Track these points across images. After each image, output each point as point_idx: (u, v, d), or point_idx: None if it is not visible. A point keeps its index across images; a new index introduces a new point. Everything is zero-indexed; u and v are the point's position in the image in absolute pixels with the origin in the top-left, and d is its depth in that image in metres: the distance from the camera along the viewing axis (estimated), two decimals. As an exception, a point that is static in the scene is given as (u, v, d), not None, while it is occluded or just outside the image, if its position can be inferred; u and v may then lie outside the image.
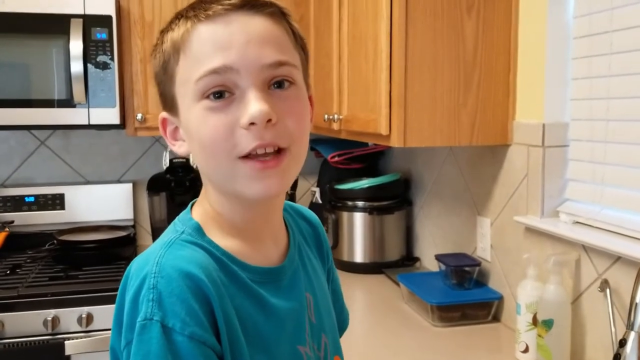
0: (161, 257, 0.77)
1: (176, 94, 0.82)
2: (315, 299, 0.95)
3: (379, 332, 1.78)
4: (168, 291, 0.73)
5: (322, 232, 1.05)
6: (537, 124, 1.59)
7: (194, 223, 0.84)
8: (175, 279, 0.74)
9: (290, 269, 0.90)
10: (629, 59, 1.37)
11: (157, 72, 0.85)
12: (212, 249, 0.81)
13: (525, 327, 1.52)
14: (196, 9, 0.80)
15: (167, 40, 0.82)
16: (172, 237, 0.82)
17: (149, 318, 0.72)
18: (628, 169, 1.38)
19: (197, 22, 0.79)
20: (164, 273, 0.74)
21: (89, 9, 2.27)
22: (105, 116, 2.30)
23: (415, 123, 1.66)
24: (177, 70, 0.81)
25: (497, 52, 1.69)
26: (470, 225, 1.97)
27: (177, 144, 0.87)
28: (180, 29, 0.80)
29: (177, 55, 0.80)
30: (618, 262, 1.34)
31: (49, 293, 2.02)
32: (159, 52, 0.84)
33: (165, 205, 2.52)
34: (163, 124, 0.87)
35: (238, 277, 0.81)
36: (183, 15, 0.81)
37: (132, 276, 0.78)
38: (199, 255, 0.79)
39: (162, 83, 0.84)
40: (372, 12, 1.76)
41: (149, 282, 0.74)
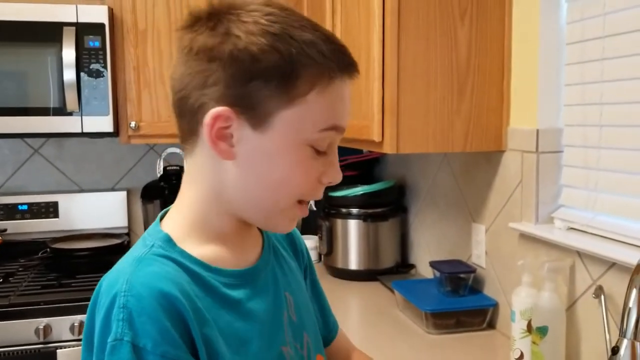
0: (131, 275, 0.75)
1: (278, 116, 0.77)
2: (295, 297, 0.95)
3: (373, 340, 1.77)
4: (138, 310, 0.71)
5: (296, 233, 1.07)
6: (531, 130, 1.58)
7: (164, 235, 0.81)
8: (146, 297, 0.72)
9: (265, 268, 0.91)
10: (621, 64, 1.37)
11: (265, 70, 0.76)
12: (184, 260, 0.80)
13: (520, 334, 1.51)
14: (342, 59, 0.80)
15: (298, 55, 0.76)
16: (142, 252, 0.80)
17: (119, 338, 0.71)
18: (622, 174, 1.38)
19: (344, 76, 0.81)
20: (134, 291, 0.72)
21: (81, 17, 2.27)
22: (99, 124, 2.30)
23: (408, 129, 1.66)
24: (301, 102, 0.77)
25: (491, 58, 1.69)
26: (465, 232, 1.96)
27: (221, 144, 0.79)
28: (326, 67, 0.78)
29: (311, 87, 0.77)
30: (612, 269, 1.33)
31: (41, 301, 2.01)
32: (275, 51, 0.76)
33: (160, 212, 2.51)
34: (215, 119, 0.77)
35: (212, 287, 0.80)
36: (317, 45, 0.77)
37: (102, 294, 0.76)
38: (170, 269, 0.77)
39: (262, 87, 0.76)
40: (365, 19, 1.76)
41: (119, 301, 0.72)
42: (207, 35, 0.78)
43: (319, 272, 2.43)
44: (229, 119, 0.78)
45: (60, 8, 2.26)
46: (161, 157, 2.61)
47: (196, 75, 0.79)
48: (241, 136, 0.78)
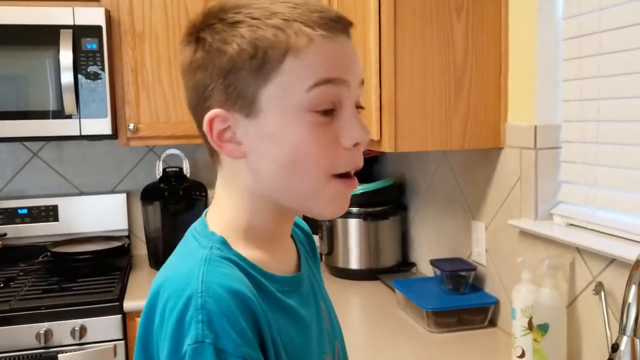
0: (204, 275, 0.72)
1: (262, 95, 0.76)
2: (327, 305, 0.95)
3: (374, 339, 1.77)
4: (218, 311, 0.69)
5: (314, 240, 1.05)
6: (529, 126, 1.57)
7: (219, 237, 0.80)
8: (225, 298, 0.70)
9: (305, 276, 0.89)
10: (618, 59, 1.36)
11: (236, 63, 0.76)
12: (242, 263, 0.78)
13: (521, 332, 1.50)
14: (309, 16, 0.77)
15: (264, 37, 0.75)
16: (205, 252, 0.77)
17: (200, 341, 0.68)
18: (620, 170, 1.37)
19: (323, 33, 0.76)
20: (211, 292, 0.70)
21: (78, 19, 2.26)
22: (97, 127, 2.29)
23: (406, 128, 1.65)
24: (278, 72, 0.75)
25: (488, 54, 1.68)
26: (465, 230, 1.95)
27: (228, 146, 0.79)
28: (299, 34, 0.75)
29: (283, 58, 0.75)
30: (612, 264, 1.33)
31: (42, 306, 2.01)
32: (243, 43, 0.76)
33: (160, 214, 2.51)
34: (211, 123, 0.78)
35: (268, 291, 0.79)
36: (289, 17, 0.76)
37: (168, 298, 0.73)
38: (238, 272, 0.76)
39: (240, 77, 0.76)
40: (361, 16, 1.75)
41: (196, 302, 0.70)
42: (187, 49, 0.81)
43: (321, 272, 2.43)
44: (225, 118, 0.78)
45: (57, 11, 2.25)
46: (160, 159, 2.60)
47: (192, 89, 0.81)
48: (242, 130, 0.78)
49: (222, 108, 0.78)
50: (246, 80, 0.76)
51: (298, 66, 0.76)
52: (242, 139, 0.79)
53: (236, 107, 0.78)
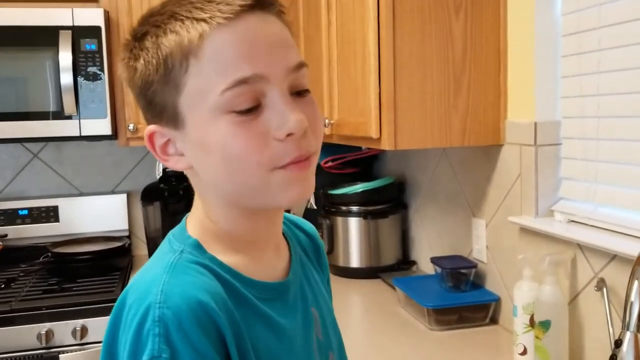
0: (165, 284, 0.69)
1: (181, 105, 0.73)
2: (321, 313, 0.90)
3: (375, 338, 1.77)
4: (176, 324, 0.66)
5: (321, 243, 1.01)
6: (529, 123, 1.57)
7: (193, 240, 0.77)
8: (185, 309, 0.67)
9: (295, 282, 0.86)
10: (617, 55, 1.36)
11: (147, 78, 0.74)
12: (216, 267, 0.75)
13: (523, 329, 1.50)
14: (203, 8, 0.72)
15: (163, 44, 0.72)
16: (173, 258, 0.74)
17: (156, 356, 0.65)
18: (620, 165, 1.37)
19: (212, 25, 0.71)
20: (171, 303, 0.67)
21: (77, 20, 2.26)
22: (97, 127, 2.29)
23: (406, 125, 1.65)
24: (187, 79, 0.72)
25: (487, 52, 1.68)
26: (466, 227, 1.95)
27: (172, 159, 0.78)
28: (190, 31, 0.71)
29: (185, 62, 0.71)
30: (614, 261, 1.32)
31: (43, 306, 2.01)
32: (148, 55, 0.73)
33: (160, 214, 2.51)
34: (151, 139, 0.77)
35: (246, 298, 0.76)
36: (182, 15, 0.72)
37: (131, 306, 0.70)
38: (206, 278, 0.72)
39: (155, 91, 0.74)
40: (360, 15, 1.75)
41: (154, 313, 0.67)
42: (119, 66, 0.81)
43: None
44: (162, 133, 0.77)
45: (56, 12, 2.25)
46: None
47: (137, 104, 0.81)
48: (179, 142, 0.77)
49: (155, 124, 0.77)
50: (161, 93, 0.74)
51: (203, 68, 0.71)
52: (183, 150, 0.77)
53: (163, 121, 0.76)
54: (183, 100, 0.73)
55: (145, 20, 0.76)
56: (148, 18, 0.76)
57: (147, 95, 0.75)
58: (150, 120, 0.78)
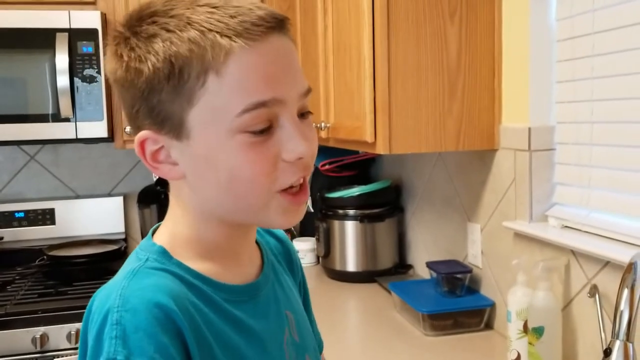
0: (124, 289, 0.70)
1: (191, 118, 0.71)
2: (296, 316, 0.91)
3: (370, 342, 1.76)
4: (133, 326, 0.66)
5: (291, 246, 1.01)
6: (523, 128, 1.57)
7: (158, 247, 0.77)
8: (142, 311, 0.67)
9: (266, 285, 0.86)
10: (611, 60, 1.35)
11: (154, 83, 0.71)
12: (182, 272, 0.75)
13: (517, 335, 1.50)
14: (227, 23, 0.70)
15: (179, 53, 0.69)
16: (135, 265, 0.75)
17: (112, 358, 0.65)
18: (614, 171, 1.36)
19: (239, 44, 0.69)
20: (128, 306, 0.68)
21: (74, 23, 2.26)
22: (93, 130, 2.29)
23: (401, 129, 1.65)
24: (202, 94, 0.70)
25: (481, 57, 1.68)
26: (461, 232, 1.95)
27: (163, 167, 0.76)
28: (215, 47, 0.69)
29: (203, 77, 0.69)
30: (607, 267, 1.32)
31: (38, 310, 2.01)
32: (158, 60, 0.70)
33: (156, 217, 2.51)
34: (142, 144, 0.75)
35: (213, 300, 0.76)
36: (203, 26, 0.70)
37: (94, 312, 0.71)
38: (167, 281, 0.72)
39: (161, 99, 0.71)
40: (355, 19, 1.74)
41: (112, 317, 0.67)
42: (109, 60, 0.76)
43: (317, 275, 2.43)
44: (156, 140, 0.74)
45: (53, 14, 2.25)
46: (157, 162, 2.60)
47: (123, 106, 0.77)
48: (176, 151, 0.75)
49: (151, 130, 0.74)
50: (168, 102, 0.71)
51: (224, 86, 0.70)
52: (178, 159, 0.75)
53: (164, 129, 0.73)
54: (194, 114, 0.71)
55: (150, 19, 0.73)
56: (153, 17, 0.72)
57: (149, 100, 0.72)
58: (143, 125, 0.74)
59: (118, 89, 0.76)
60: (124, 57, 0.73)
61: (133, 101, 0.74)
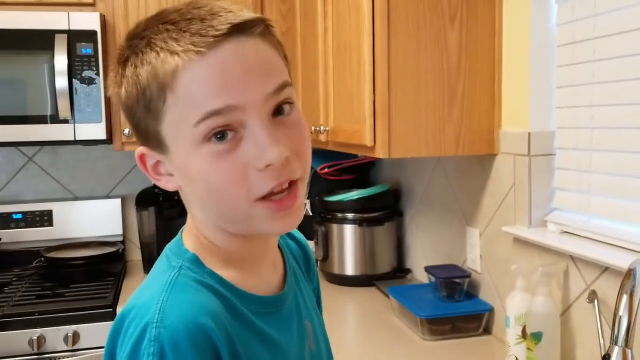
0: (164, 303, 0.69)
1: (163, 133, 0.74)
2: (314, 325, 0.91)
3: (368, 347, 1.76)
4: (172, 345, 0.66)
5: (310, 252, 1.02)
6: (523, 133, 1.57)
7: (191, 255, 0.77)
8: (182, 330, 0.67)
9: (290, 295, 0.86)
10: (612, 66, 1.35)
11: (130, 105, 0.75)
12: (215, 283, 0.75)
13: (515, 340, 1.49)
14: (177, 39, 0.70)
15: (140, 76, 0.72)
16: (172, 275, 0.74)
17: None
18: (613, 177, 1.36)
19: (184, 60, 0.70)
20: (168, 323, 0.67)
21: (73, 24, 2.26)
22: (92, 131, 2.29)
23: (400, 134, 1.64)
24: (166, 110, 0.72)
25: (482, 61, 1.68)
26: (460, 236, 1.94)
27: (163, 179, 0.79)
28: (165, 65, 0.70)
29: (163, 94, 0.71)
30: (606, 273, 1.32)
31: (35, 312, 2.00)
32: (129, 84, 0.74)
33: (155, 220, 2.50)
34: (142, 159, 0.78)
35: (243, 315, 0.76)
36: (158, 46, 0.71)
37: (130, 322, 0.70)
38: (205, 297, 0.72)
39: (140, 119, 0.75)
40: (355, 23, 1.74)
41: (151, 332, 0.67)
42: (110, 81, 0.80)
43: (315, 278, 2.42)
44: (151, 155, 0.78)
45: (52, 16, 2.25)
46: (156, 164, 2.59)
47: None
48: (167, 165, 0.78)
49: (145, 146, 0.78)
50: (144, 120, 0.75)
51: (179, 101, 0.71)
52: (172, 172, 0.78)
53: (151, 145, 0.77)
54: (165, 129, 0.74)
55: (130, 41, 0.75)
56: (132, 40, 0.75)
57: (133, 120, 0.76)
58: (139, 142, 0.79)
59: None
60: (109, 82, 0.79)
61: (127, 120, 0.79)
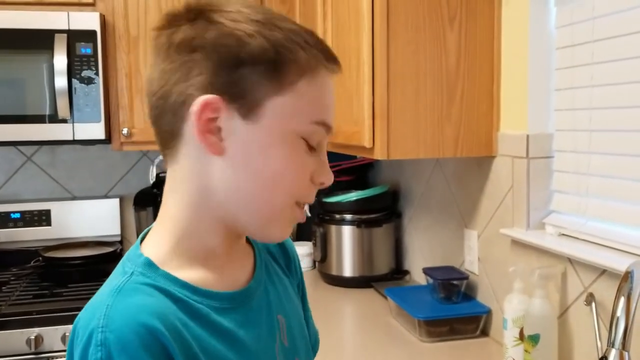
0: (109, 308, 0.68)
1: (270, 103, 0.74)
2: (288, 320, 0.89)
3: (365, 348, 1.76)
4: (118, 348, 0.65)
5: (290, 244, 1.00)
6: (521, 135, 1.57)
7: (144, 259, 0.75)
8: (127, 332, 0.66)
9: (258, 289, 0.84)
10: (610, 68, 1.35)
11: (249, 60, 0.72)
12: (168, 285, 0.73)
13: (512, 342, 1.49)
14: (326, 51, 0.78)
15: (285, 46, 0.74)
16: (121, 281, 0.73)
17: None
18: (611, 179, 1.36)
19: (327, 66, 0.78)
20: (113, 326, 0.66)
21: (73, 24, 2.26)
22: (90, 131, 2.28)
23: (399, 135, 1.65)
24: (293, 89, 0.74)
25: (480, 63, 1.68)
26: (458, 238, 1.94)
27: (211, 137, 0.73)
28: (316, 62, 0.76)
29: (299, 76, 0.75)
30: (603, 275, 1.32)
31: (33, 311, 2.00)
32: (263, 44, 0.73)
33: (152, 220, 2.49)
34: (206, 108, 0.72)
35: (201, 314, 0.74)
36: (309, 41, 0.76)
37: (78, 330, 0.69)
38: (153, 299, 0.71)
39: (247, 76, 0.72)
40: (355, 24, 1.74)
41: (96, 337, 0.66)
42: (187, 27, 0.74)
43: (313, 279, 2.42)
44: (218, 109, 0.73)
45: (52, 15, 2.25)
46: (154, 164, 2.59)
47: (178, 68, 0.74)
48: (231, 128, 0.73)
49: (221, 97, 0.73)
50: (258, 81, 0.73)
51: (309, 93, 0.76)
52: (228, 136, 0.74)
53: (235, 103, 0.73)
54: (275, 103, 0.74)
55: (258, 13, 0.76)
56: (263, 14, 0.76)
57: (236, 72, 0.72)
58: (209, 91, 0.73)
59: (184, 50, 0.74)
60: (223, 22, 0.74)
61: (209, 64, 0.73)
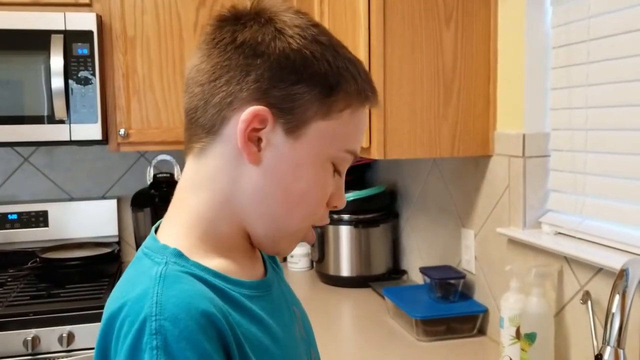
0: (159, 296, 0.66)
1: (314, 124, 0.76)
2: (300, 311, 0.91)
3: (363, 348, 1.76)
4: (175, 335, 0.63)
5: None
6: (518, 134, 1.57)
7: (173, 250, 0.74)
8: (183, 319, 0.64)
9: (274, 281, 0.86)
10: (606, 68, 1.36)
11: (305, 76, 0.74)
12: (203, 272, 0.72)
13: (509, 341, 1.50)
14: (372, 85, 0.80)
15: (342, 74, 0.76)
16: (160, 270, 0.70)
17: None
18: (607, 178, 1.37)
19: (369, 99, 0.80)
20: (168, 313, 0.64)
21: (70, 24, 2.26)
22: (87, 132, 2.28)
23: (395, 135, 1.65)
24: (337, 116, 0.76)
25: (477, 63, 1.68)
26: (455, 237, 1.95)
27: (251, 146, 0.74)
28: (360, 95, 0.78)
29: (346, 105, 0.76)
30: (599, 274, 1.32)
31: (30, 312, 2.00)
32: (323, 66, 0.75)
33: (150, 220, 2.50)
34: (255, 117, 0.73)
35: (237, 300, 0.74)
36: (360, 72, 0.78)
37: (124, 320, 0.66)
38: (199, 285, 0.70)
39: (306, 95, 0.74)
40: (351, 23, 1.75)
41: (150, 326, 0.64)
42: (256, 29, 0.75)
43: (311, 279, 2.42)
44: (265, 120, 0.73)
45: (48, 16, 2.25)
46: (151, 165, 2.60)
47: (235, 68, 0.74)
48: (272, 141, 0.74)
49: (270, 110, 0.74)
50: (311, 102, 0.75)
51: (351, 123, 0.78)
52: (267, 147, 0.75)
53: (283, 118, 0.74)
54: (319, 125, 0.76)
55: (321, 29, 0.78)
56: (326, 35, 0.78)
57: (293, 88, 0.74)
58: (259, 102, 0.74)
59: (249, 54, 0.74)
60: (294, 37, 0.74)
61: (276, 79, 0.74)
